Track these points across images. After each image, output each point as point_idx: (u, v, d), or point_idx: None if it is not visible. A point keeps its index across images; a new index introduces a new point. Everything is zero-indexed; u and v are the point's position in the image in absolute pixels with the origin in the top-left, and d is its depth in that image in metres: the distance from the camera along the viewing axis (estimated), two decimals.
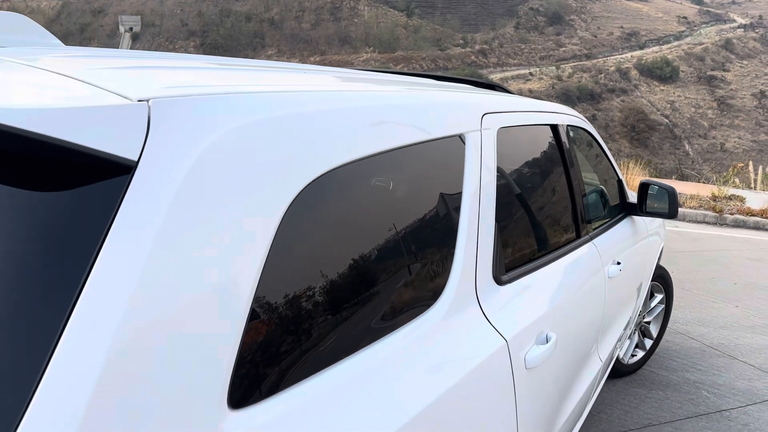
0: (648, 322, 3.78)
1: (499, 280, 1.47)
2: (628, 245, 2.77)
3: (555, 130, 2.17)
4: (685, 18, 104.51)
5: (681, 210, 9.87)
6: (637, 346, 3.73)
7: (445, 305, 1.23)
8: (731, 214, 9.96)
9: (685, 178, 19.35)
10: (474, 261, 1.36)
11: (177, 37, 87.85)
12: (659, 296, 3.82)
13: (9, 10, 1.27)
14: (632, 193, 3.13)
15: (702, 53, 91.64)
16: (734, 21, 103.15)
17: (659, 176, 15.53)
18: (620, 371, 3.56)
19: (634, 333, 3.66)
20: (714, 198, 11.06)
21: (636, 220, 3.00)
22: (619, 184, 2.99)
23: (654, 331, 3.82)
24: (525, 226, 1.85)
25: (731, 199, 11.07)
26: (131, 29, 13.70)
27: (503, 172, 1.66)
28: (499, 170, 1.59)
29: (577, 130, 2.55)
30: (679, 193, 10.45)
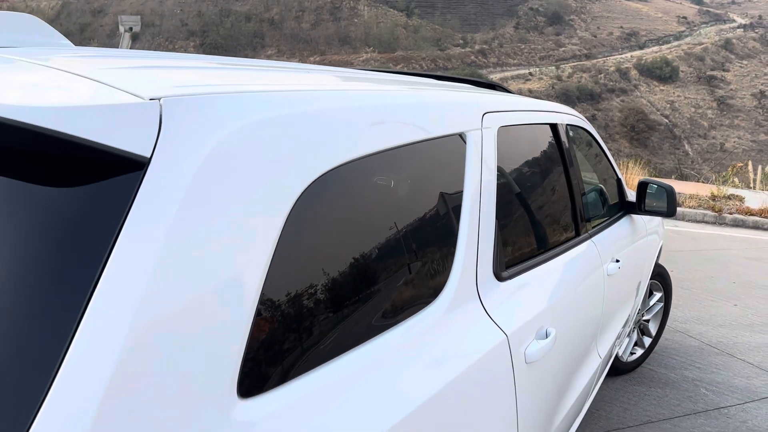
0: (647, 320, 3.81)
1: (500, 277, 1.49)
2: (627, 243, 2.79)
3: (555, 130, 2.19)
4: (685, 18, 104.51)
5: (680, 209, 9.89)
6: (636, 344, 3.76)
7: (447, 300, 1.26)
8: (730, 214, 9.98)
9: (685, 178, 19.37)
10: (475, 257, 1.38)
11: (177, 37, 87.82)
12: (658, 294, 3.84)
13: (8, 10, 1.28)
14: (631, 192, 3.15)
15: (702, 53, 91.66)
16: (734, 21, 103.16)
17: (659, 176, 15.54)
18: (619, 369, 3.58)
19: (633, 331, 3.68)
20: (713, 197, 11.08)
21: (635, 219, 3.02)
22: (618, 183, 3.01)
23: (653, 329, 3.84)
24: (525, 224, 1.87)
25: (730, 199, 11.09)
26: (131, 29, 13.69)
27: (503, 171, 1.69)
28: (500, 169, 1.61)
29: (577, 130, 2.57)
30: (679, 193, 10.47)
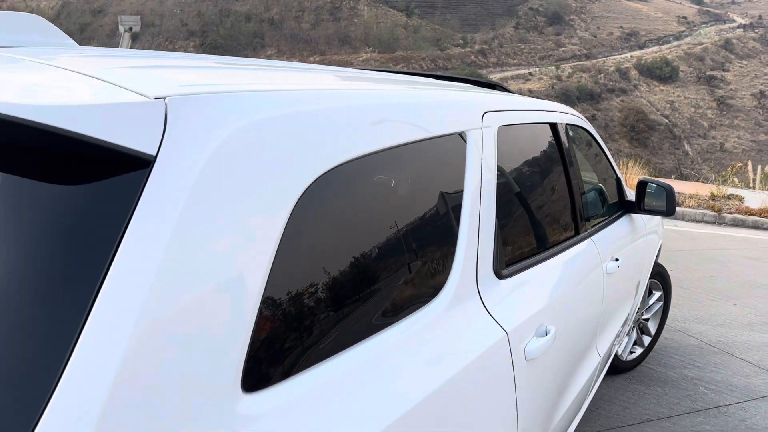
0: (646, 319, 3.82)
1: (500, 275, 1.50)
2: (627, 242, 2.81)
3: (554, 129, 2.20)
4: (685, 18, 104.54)
5: (680, 209, 9.90)
6: (636, 343, 3.77)
7: (448, 297, 1.27)
8: (730, 214, 9.99)
9: (685, 178, 19.38)
10: (475, 255, 1.39)
11: (177, 37, 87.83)
12: (657, 293, 3.85)
13: (8, 10, 1.29)
14: (631, 192, 3.16)
15: (701, 53, 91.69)
16: (734, 21, 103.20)
17: (659, 176, 15.56)
18: (619, 368, 3.60)
19: (633, 330, 3.70)
20: (713, 197, 11.09)
21: (634, 218, 3.04)
22: (618, 183, 3.03)
23: (652, 328, 3.85)
24: (525, 223, 1.88)
25: (730, 199, 11.10)
26: (131, 29, 13.67)
27: (503, 170, 1.70)
28: (500, 167, 1.62)
29: (576, 129, 2.59)
30: (679, 193, 10.49)
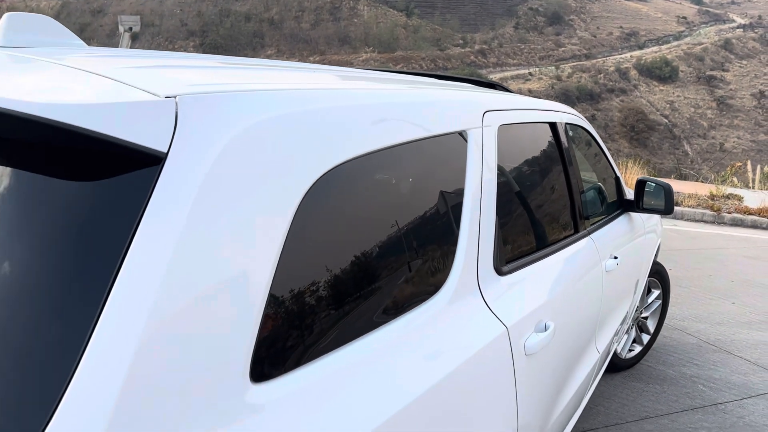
0: (645, 318, 3.84)
1: (500, 271, 1.52)
2: (626, 241, 2.83)
3: (554, 128, 2.23)
4: (685, 18, 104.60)
5: (679, 209, 9.93)
6: (635, 341, 3.80)
7: (449, 293, 1.29)
8: (729, 213, 10.01)
9: (684, 178, 19.44)
10: (476, 252, 1.42)
11: (176, 37, 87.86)
12: (656, 292, 3.88)
13: (8, 10, 1.31)
14: (630, 191, 3.19)
15: (701, 53, 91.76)
16: (733, 21, 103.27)
17: (658, 176, 15.58)
18: (618, 365, 3.62)
19: (632, 328, 3.72)
20: (712, 197, 11.11)
21: (633, 217, 3.06)
22: (617, 182, 3.05)
23: (651, 327, 3.88)
24: (525, 220, 1.90)
25: (729, 198, 11.13)
26: (131, 29, 13.65)
27: (504, 168, 1.72)
28: (500, 166, 1.65)
29: (576, 129, 2.61)
30: (678, 192, 10.53)
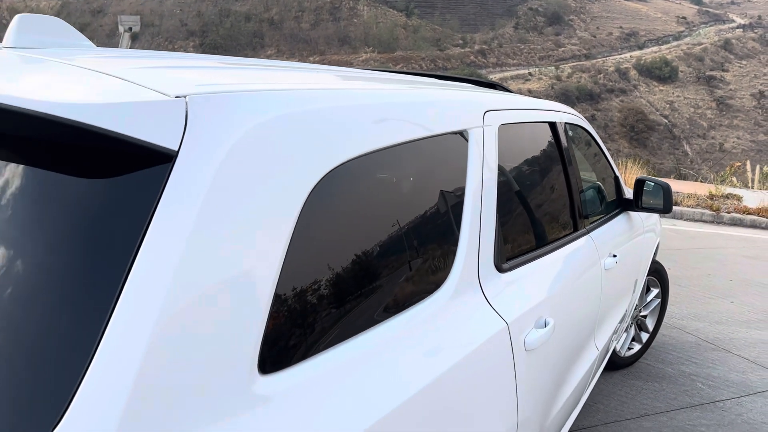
0: (644, 316, 3.87)
1: (501, 268, 1.55)
2: (625, 239, 2.85)
3: (554, 128, 2.25)
4: (684, 18, 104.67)
5: (679, 208, 9.96)
6: (634, 339, 3.82)
7: (450, 289, 1.32)
8: (728, 213, 10.04)
9: (684, 178, 19.47)
10: (477, 249, 1.44)
11: (176, 37, 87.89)
12: (655, 291, 3.90)
13: (8, 10, 1.34)
14: (629, 190, 3.21)
15: (701, 53, 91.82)
16: (733, 21, 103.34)
17: (658, 176, 15.61)
18: (617, 363, 3.65)
19: (631, 326, 3.75)
20: (711, 197, 11.14)
21: (632, 216, 3.08)
22: (616, 181, 3.07)
23: (650, 325, 3.90)
24: (525, 219, 1.93)
25: (728, 198, 11.15)
26: (130, 29, 13.64)
27: (504, 167, 1.75)
28: (500, 165, 1.67)
29: (575, 128, 2.63)
30: (677, 192, 10.55)
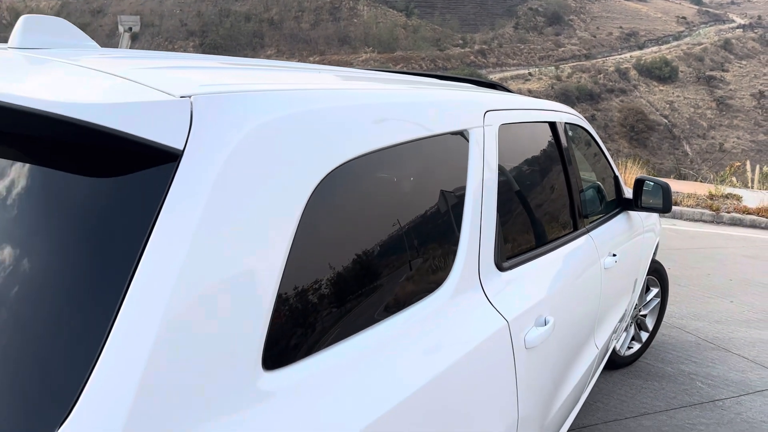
0: (644, 315, 3.88)
1: (501, 267, 1.56)
2: (624, 239, 2.87)
3: (554, 128, 2.26)
4: (684, 18, 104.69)
5: (678, 208, 9.97)
6: (634, 339, 3.83)
7: (451, 288, 1.33)
8: (728, 213, 10.05)
9: (684, 178, 19.48)
10: (477, 248, 1.45)
11: (176, 37, 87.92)
12: (655, 290, 3.92)
13: (7, 10, 1.35)
14: (628, 190, 3.22)
15: (701, 53, 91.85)
16: (733, 21, 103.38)
17: (658, 176, 15.62)
18: (617, 363, 3.66)
19: (631, 325, 3.76)
20: (711, 197, 11.15)
21: (632, 216, 3.10)
22: (615, 181, 3.09)
23: (650, 324, 3.91)
24: (525, 218, 1.94)
25: (728, 198, 11.16)
26: (130, 29, 13.65)
27: (504, 167, 1.76)
28: (501, 165, 1.68)
29: (575, 128, 2.65)
30: (677, 192, 10.56)
